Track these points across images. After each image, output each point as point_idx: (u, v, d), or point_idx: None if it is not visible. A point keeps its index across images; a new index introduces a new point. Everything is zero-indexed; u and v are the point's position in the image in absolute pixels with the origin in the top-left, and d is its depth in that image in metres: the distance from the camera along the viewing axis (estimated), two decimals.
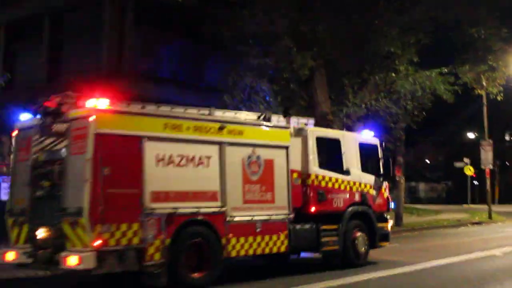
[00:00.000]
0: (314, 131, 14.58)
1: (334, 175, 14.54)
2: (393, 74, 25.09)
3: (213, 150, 12.07)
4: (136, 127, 11.01)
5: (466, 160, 46.42)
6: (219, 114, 12.97)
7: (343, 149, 14.92)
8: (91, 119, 10.43)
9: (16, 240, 11.64)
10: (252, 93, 22.44)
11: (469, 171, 45.69)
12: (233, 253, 12.14)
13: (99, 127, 10.44)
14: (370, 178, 15.49)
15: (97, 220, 10.18)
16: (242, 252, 12.33)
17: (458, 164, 48.99)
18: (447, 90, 25.60)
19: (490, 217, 35.40)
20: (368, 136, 16.35)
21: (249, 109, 22.34)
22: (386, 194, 16.03)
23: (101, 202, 10.27)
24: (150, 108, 11.97)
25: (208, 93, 28.18)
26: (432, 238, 24.09)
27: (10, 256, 11.39)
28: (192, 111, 12.55)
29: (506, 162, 65.76)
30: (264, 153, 12.93)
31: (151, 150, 11.06)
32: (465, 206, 50.83)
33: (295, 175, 13.67)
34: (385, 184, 16.09)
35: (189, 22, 26.59)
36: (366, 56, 25.06)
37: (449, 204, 54.39)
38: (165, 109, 12.21)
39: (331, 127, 24.64)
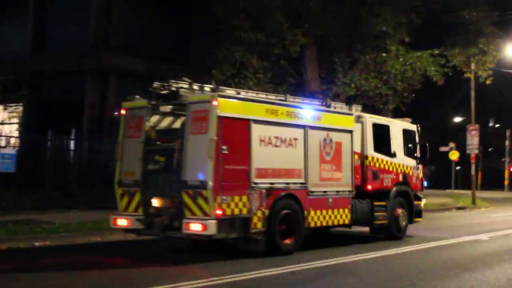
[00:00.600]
0: (371, 118, 16.39)
1: (385, 157, 16.39)
2: (384, 54, 24.91)
3: (299, 133, 13.67)
4: (246, 111, 12.51)
5: (451, 144, 46.45)
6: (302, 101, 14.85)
7: (391, 135, 16.80)
8: (214, 103, 11.84)
9: (125, 208, 13.00)
10: (242, 69, 22.09)
11: (454, 156, 45.70)
12: (312, 224, 13.82)
13: (221, 110, 11.88)
14: (410, 161, 17.36)
15: (218, 193, 11.66)
16: (318, 223, 14.02)
17: (443, 149, 49.07)
18: (437, 72, 25.38)
19: (473, 202, 35.52)
20: (408, 123, 17.95)
21: (238, 84, 22.11)
22: (421, 175, 17.97)
23: (221, 177, 11.77)
24: (253, 94, 14.03)
25: (196, 68, 28.03)
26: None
27: (123, 222, 12.94)
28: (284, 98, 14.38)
29: (489, 148, 66.10)
30: (335, 137, 14.60)
31: (256, 132, 12.62)
32: (448, 191, 51.07)
33: (356, 156, 15.37)
34: (421, 167, 17.96)
35: None
36: (357, 35, 24.92)
37: (433, 189, 54.63)
38: (262, 96, 14.16)
39: None
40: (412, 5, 25.00)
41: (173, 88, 12.63)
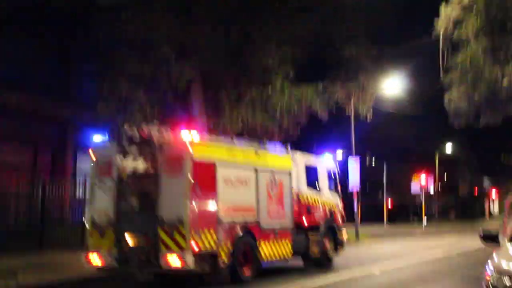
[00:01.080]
0: (302, 158, 18.15)
1: (316, 194, 18.29)
2: (270, 89, 25.05)
3: (251, 174, 15.33)
4: (213, 154, 14.08)
5: None
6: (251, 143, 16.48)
7: (319, 173, 18.67)
8: (189, 147, 13.28)
9: (97, 246, 13.70)
10: (128, 103, 21.41)
11: None
12: (264, 257, 15.27)
13: (195, 155, 13.35)
14: (334, 196, 19.37)
15: (193, 228, 12.87)
16: (268, 257, 15.47)
17: None
18: (322, 107, 25.86)
19: (357, 237, 36.22)
20: (330, 159, 20.08)
21: (124, 119, 21.38)
22: (341, 209, 19.83)
23: (196, 214, 13.02)
24: (216, 138, 15.77)
25: (77, 102, 26.94)
26: None
27: (96, 259, 13.68)
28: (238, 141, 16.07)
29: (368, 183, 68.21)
30: (278, 177, 16.33)
31: (220, 173, 14.06)
32: None
33: (294, 195, 17.03)
34: (341, 201, 19.87)
35: (56, 25, 25.33)
36: (243, 69, 24.96)
37: None
38: (223, 139, 15.68)
39: None
40: (295, 40, 25.41)
41: (144, 132, 13.93)
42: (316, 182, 18.53)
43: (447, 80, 26.24)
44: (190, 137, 13.59)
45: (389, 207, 58.65)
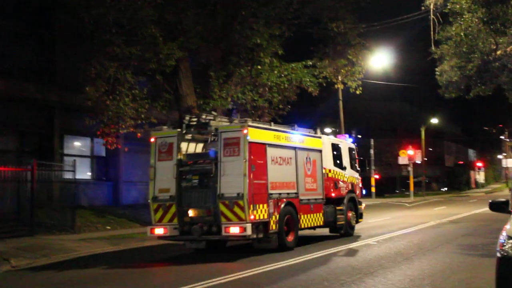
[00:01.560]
0: (329, 139, 20.11)
1: (340, 170, 20.15)
2: (259, 67, 24.92)
3: (292, 153, 17.18)
4: (263, 137, 15.92)
5: None
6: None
7: (342, 152, 20.53)
8: (245, 131, 15.12)
9: (159, 219, 15.69)
10: (117, 84, 21.17)
11: None
12: (303, 225, 17.29)
13: (251, 137, 15.19)
14: (354, 173, 21.32)
15: (250, 202, 14.82)
16: (306, 225, 17.51)
17: None
18: (312, 83, 25.76)
19: None
20: (350, 141, 21.82)
21: (114, 101, 21.18)
22: (360, 184, 22.04)
23: (252, 190, 14.92)
24: (266, 124, 17.53)
25: (63, 86, 26.63)
26: None
27: (160, 230, 15.60)
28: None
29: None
30: (312, 155, 18.20)
31: (269, 153, 16.00)
32: None
33: (324, 170, 18.81)
34: (360, 177, 22.03)
35: (40, 9, 24.92)
36: (231, 48, 24.78)
37: None
38: (268, 125, 17.26)
39: None
40: (283, 18, 25.24)
41: (203, 120, 16.30)
42: (340, 160, 20.34)
43: (438, 53, 26.23)
44: (245, 121, 15.71)
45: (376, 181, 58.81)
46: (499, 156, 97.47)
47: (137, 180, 32.25)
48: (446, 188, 75.58)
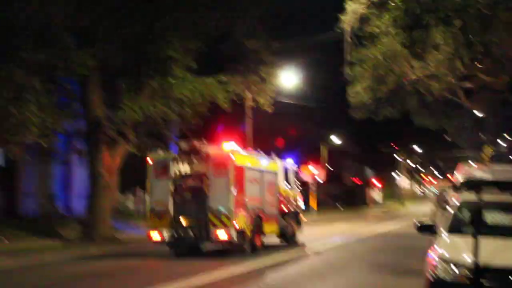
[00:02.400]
0: (280, 162, 23.15)
1: (288, 189, 23.33)
2: (172, 80, 24.48)
3: (260, 175, 20.72)
4: (243, 161, 19.42)
5: None
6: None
7: (289, 173, 23.75)
8: (232, 157, 18.56)
9: (155, 228, 18.57)
10: (24, 92, 20.08)
11: None
12: (266, 232, 20.56)
13: (236, 162, 18.69)
14: (297, 190, 24.68)
15: (235, 213, 18.20)
16: (267, 232, 20.76)
17: None
18: (225, 98, 25.56)
19: None
20: (293, 163, 24.96)
21: (20, 109, 20.10)
22: (300, 199, 25.05)
23: (235, 204, 18.26)
24: (245, 151, 20.95)
25: None
26: None
27: (157, 237, 18.59)
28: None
29: None
30: (271, 176, 21.82)
31: (246, 174, 19.49)
32: None
33: (278, 189, 22.33)
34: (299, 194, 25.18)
35: None
36: (144, 59, 24.22)
37: None
38: (246, 152, 21.01)
39: (105, 133, 23.38)
40: (198, 32, 24.93)
41: (195, 145, 19.01)
42: (287, 180, 23.43)
43: (351, 74, 26.72)
44: (231, 148, 19.09)
45: None
46: (395, 176, 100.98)
47: (36, 191, 30.97)
48: (340, 205, 77.23)
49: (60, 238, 23.65)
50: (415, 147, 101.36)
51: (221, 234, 17.96)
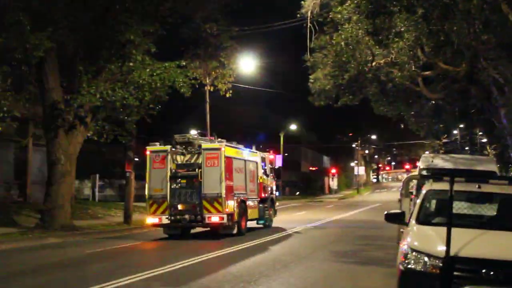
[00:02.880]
0: (260, 153, 25.68)
1: (266, 177, 25.70)
2: (130, 64, 24.12)
3: (243, 164, 23.05)
4: (231, 153, 21.62)
5: None
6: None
7: (266, 163, 26.26)
8: (223, 149, 20.68)
9: (154, 212, 20.65)
10: None
11: None
12: (249, 217, 22.92)
13: (226, 153, 20.81)
14: (272, 179, 27.25)
15: (226, 199, 20.32)
16: (250, 217, 23.15)
17: None
18: (184, 83, 25.24)
19: None
20: (269, 154, 27.62)
21: None
22: (274, 187, 27.93)
23: (226, 191, 20.38)
24: (233, 143, 22.73)
25: None
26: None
27: (155, 220, 20.70)
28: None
29: None
30: (253, 166, 24.14)
31: (234, 164, 21.78)
32: None
33: (258, 177, 24.74)
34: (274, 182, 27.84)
35: None
36: (102, 42, 23.78)
37: None
38: (234, 144, 22.91)
39: (63, 118, 22.87)
40: (157, 15, 24.58)
41: (190, 139, 21.51)
42: (265, 169, 25.72)
43: (311, 61, 26.70)
44: (222, 141, 21.25)
45: None
46: (352, 164, 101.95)
47: None
48: (298, 193, 77.63)
49: (16, 226, 23.10)
50: (372, 135, 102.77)
51: (214, 218, 20.25)
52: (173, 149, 21.09)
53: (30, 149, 31.47)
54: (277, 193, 28.83)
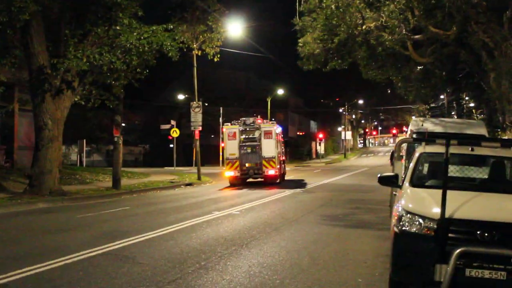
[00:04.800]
0: (276, 127, 31.86)
1: (281, 143, 33.49)
2: (117, 27, 23.85)
3: (280, 136, 32.76)
4: (277, 128, 31.92)
5: (172, 122, 46.88)
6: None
7: (280, 136, 33.63)
8: (275, 128, 31.02)
9: (229, 168, 30.68)
10: None
11: (175, 133, 46.11)
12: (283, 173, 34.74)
13: (277, 132, 31.66)
14: (283, 144, 35.31)
15: (278, 159, 30.95)
16: (283, 173, 34.95)
17: (164, 127, 49.30)
18: (172, 47, 24.98)
19: (199, 178, 36.43)
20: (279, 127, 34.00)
21: None
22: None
23: (277, 154, 30.64)
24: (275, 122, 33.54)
25: None
26: (157, 200, 23.67)
27: (231, 173, 30.73)
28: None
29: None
30: (280, 137, 33.06)
31: (278, 137, 32.20)
32: (168, 168, 51.54)
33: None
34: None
35: None
36: (88, 5, 23.50)
37: (147, 167, 54.95)
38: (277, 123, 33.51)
39: (49, 82, 22.69)
40: None
41: (253, 121, 30.99)
42: (280, 136, 33.15)
43: (300, 25, 26.49)
44: (275, 123, 31.77)
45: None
46: (339, 129, 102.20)
47: None
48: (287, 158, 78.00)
49: (4, 191, 23.06)
50: (359, 100, 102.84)
51: (270, 171, 30.44)
52: (240, 128, 30.88)
53: (16, 114, 31.28)
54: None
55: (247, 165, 30.54)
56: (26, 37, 22.42)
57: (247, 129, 30.91)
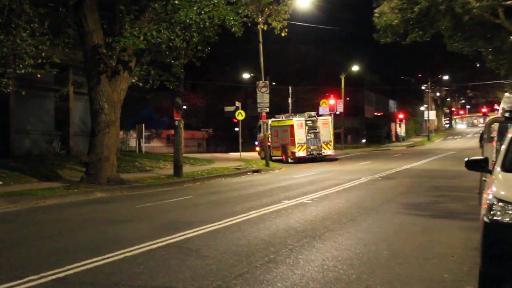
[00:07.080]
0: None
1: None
2: (176, 1, 24.01)
3: (330, 125, 47.16)
4: (330, 120, 47.81)
5: (237, 103, 46.91)
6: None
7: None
8: (330, 119, 47.30)
9: (299, 150, 43.01)
10: (13, 17, 19.80)
11: (241, 116, 46.09)
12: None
13: (331, 120, 47.31)
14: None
15: (332, 143, 45.61)
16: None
17: (228, 108, 49.45)
18: (236, 22, 24.98)
19: (267, 164, 36.58)
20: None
21: (9, 35, 19.84)
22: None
23: (332, 139, 45.61)
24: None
25: None
26: (222, 188, 23.90)
27: (301, 154, 42.95)
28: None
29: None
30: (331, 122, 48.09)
31: (330, 126, 46.18)
32: (234, 154, 51.89)
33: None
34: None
35: None
36: None
37: (211, 153, 55.44)
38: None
39: (104, 62, 23.11)
40: None
41: (314, 115, 45.96)
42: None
43: None
44: (329, 116, 51.01)
45: None
46: (421, 108, 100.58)
47: (32, 129, 30.95)
48: (364, 141, 77.34)
49: (60, 180, 23.74)
50: (444, 76, 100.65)
51: (329, 152, 43.63)
52: (306, 119, 43.31)
53: (71, 98, 32.09)
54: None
55: (311, 147, 42.92)
56: (79, 15, 22.90)
57: (311, 120, 43.90)
